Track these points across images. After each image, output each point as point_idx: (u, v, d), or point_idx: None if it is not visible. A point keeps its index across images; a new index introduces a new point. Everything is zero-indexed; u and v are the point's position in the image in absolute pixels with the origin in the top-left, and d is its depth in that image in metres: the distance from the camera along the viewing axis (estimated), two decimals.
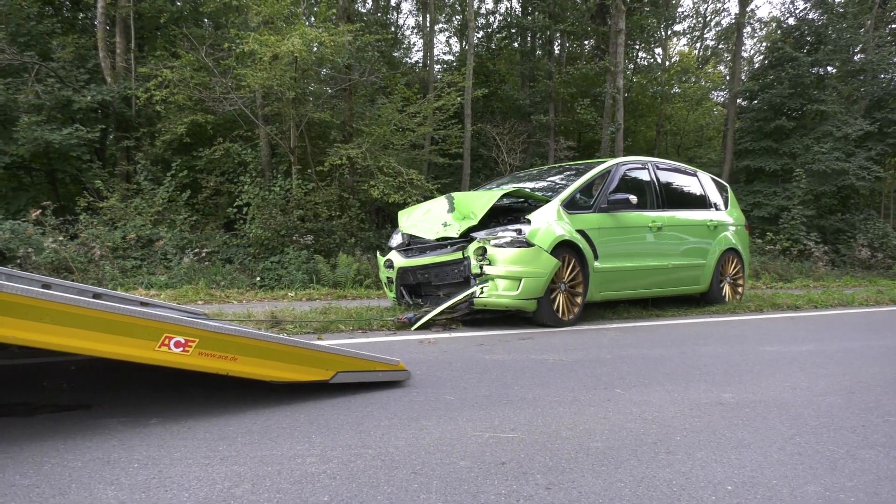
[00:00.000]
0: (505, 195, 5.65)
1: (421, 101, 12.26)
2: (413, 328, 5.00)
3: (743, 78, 20.16)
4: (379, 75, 13.01)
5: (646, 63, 23.58)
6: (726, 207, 7.69)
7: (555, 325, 5.33)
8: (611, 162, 6.44)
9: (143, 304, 4.21)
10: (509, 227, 5.27)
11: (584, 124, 18.31)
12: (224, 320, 4.88)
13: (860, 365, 3.94)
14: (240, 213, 10.64)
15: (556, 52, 21.00)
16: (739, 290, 7.51)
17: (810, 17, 19.25)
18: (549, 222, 5.34)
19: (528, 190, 6.12)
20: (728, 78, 23.27)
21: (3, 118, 10.85)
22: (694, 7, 25.78)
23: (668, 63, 24.03)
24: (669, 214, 6.65)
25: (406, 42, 22.48)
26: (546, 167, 7.55)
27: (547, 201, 5.62)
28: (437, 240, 5.53)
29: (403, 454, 2.11)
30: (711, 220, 7.16)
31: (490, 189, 6.49)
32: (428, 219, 5.77)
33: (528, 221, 5.30)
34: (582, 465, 2.03)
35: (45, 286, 3.73)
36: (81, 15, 14.78)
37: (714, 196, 7.57)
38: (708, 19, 25.33)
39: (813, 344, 4.78)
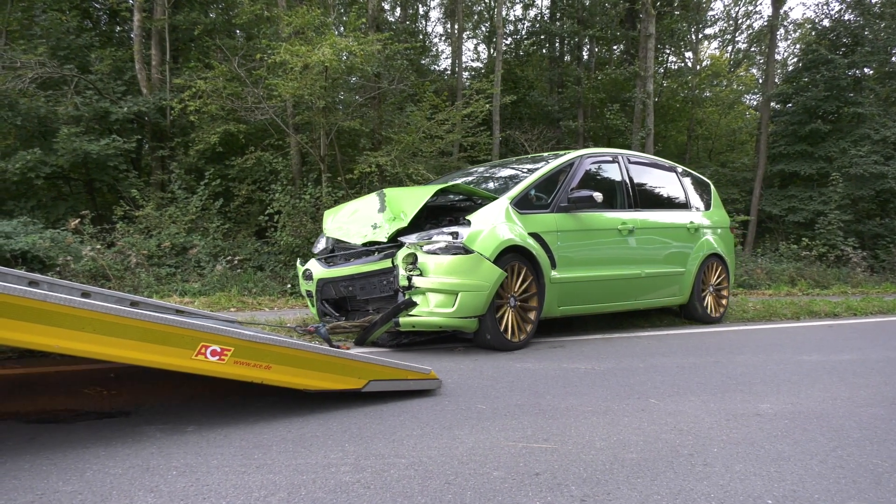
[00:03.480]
0: (442, 191, 4.77)
1: (449, 108, 12.28)
2: (367, 342, 4.52)
3: (777, 81, 19.82)
4: (408, 83, 13.08)
5: (676, 67, 23.33)
6: (708, 208, 6.89)
7: (501, 347, 4.48)
8: (574, 153, 5.62)
9: (178, 311, 4.29)
10: (445, 229, 4.44)
11: (613, 130, 18.13)
12: (257, 328, 4.94)
13: None
14: (271, 221, 10.76)
15: (585, 57, 20.91)
16: (724, 301, 6.65)
17: (846, 18, 18.84)
18: (494, 224, 4.50)
19: (466, 184, 5.23)
20: (761, 81, 22.88)
21: (44, 130, 11.16)
22: (725, 10, 25.41)
23: (698, 67, 23.71)
24: (643, 216, 5.84)
25: (434, 50, 22.58)
26: (503, 160, 6.63)
27: (494, 199, 4.79)
28: (364, 245, 4.65)
29: (437, 464, 2.11)
30: (692, 223, 6.36)
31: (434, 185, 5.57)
32: (356, 220, 4.90)
33: (469, 223, 4.46)
34: (617, 476, 2.01)
35: (85, 294, 3.82)
36: (118, 28, 15.15)
37: (695, 195, 6.81)
38: (739, 22, 24.98)
39: (853, 353, 4.66)
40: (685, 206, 6.57)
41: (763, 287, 11.67)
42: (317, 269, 4.93)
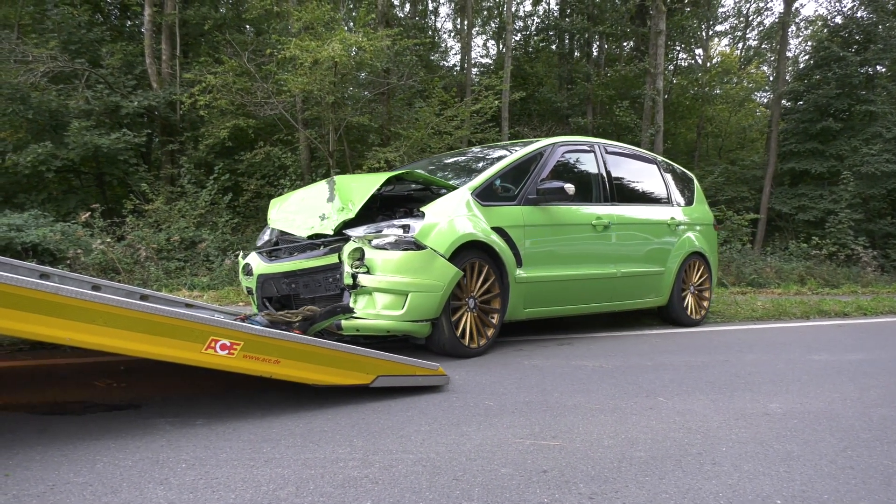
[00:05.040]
0: (397, 179, 4.34)
1: (458, 104, 12.27)
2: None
3: (788, 78, 19.68)
4: (417, 79, 13.07)
5: (686, 64, 23.20)
6: (691, 203, 6.43)
7: (456, 354, 4.05)
8: (546, 141, 5.17)
9: (187, 305, 4.31)
10: (396, 222, 3.99)
11: (622, 127, 18.08)
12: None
13: None
14: None
15: (595, 53, 20.82)
16: (705, 302, 6.24)
17: (858, 15, 18.68)
18: (451, 217, 4.07)
19: (425, 172, 4.72)
20: (772, 78, 22.73)
21: (55, 123, 11.22)
22: (736, 6, 25.24)
23: (709, 64, 23.56)
24: (620, 211, 5.39)
25: (444, 46, 22.56)
26: (471, 148, 6.33)
27: (454, 189, 4.35)
28: (310, 237, 4.15)
29: (444, 460, 2.11)
30: (673, 219, 5.93)
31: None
32: (303, 209, 4.39)
33: (423, 215, 4.01)
34: (625, 474, 2.01)
35: (95, 287, 3.84)
36: (129, 23, 15.21)
37: (676, 188, 6.35)
38: (750, 19, 24.80)
39: (863, 353, 4.63)
40: (666, 201, 6.14)
41: (772, 286, 11.61)
42: (257, 263, 4.44)
